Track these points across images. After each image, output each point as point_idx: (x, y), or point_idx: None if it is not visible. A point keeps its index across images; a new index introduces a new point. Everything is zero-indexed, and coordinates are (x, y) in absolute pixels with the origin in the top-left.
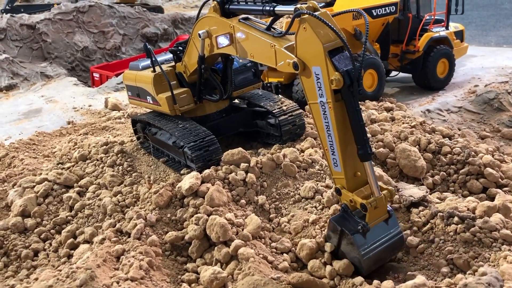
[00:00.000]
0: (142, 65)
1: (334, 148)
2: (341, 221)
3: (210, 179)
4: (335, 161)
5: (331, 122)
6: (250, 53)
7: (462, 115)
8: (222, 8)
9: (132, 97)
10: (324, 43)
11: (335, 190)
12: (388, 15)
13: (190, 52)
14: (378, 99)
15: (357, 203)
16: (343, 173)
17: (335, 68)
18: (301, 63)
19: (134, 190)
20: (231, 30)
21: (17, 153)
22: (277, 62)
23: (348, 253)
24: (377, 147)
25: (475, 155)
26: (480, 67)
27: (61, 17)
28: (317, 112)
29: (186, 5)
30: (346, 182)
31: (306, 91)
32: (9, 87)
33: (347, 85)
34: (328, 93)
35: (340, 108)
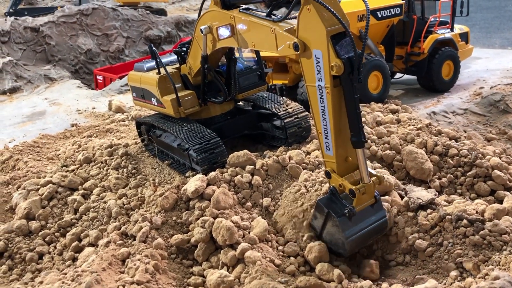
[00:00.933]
0: (147, 66)
1: (328, 132)
2: (329, 203)
3: (215, 181)
4: (328, 145)
5: (327, 106)
6: (252, 42)
7: (467, 117)
8: (223, 1)
9: (136, 98)
10: (327, 27)
11: (325, 173)
12: (393, 17)
13: (193, 53)
14: (383, 101)
15: (346, 188)
16: (334, 157)
17: (336, 54)
18: (302, 44)
19: (139, 193)
20: (232, 21)
21: (21, 155)
22: (278, 46)
23: (332, 235)
24: (383, 149)
25: (482, 157)
26: (485, 69)
27: (65, 20)
28: (314, 95)
29: (189, 7)
30: (337, 166)
31: (305, 73)
32: (13, 89)
33: (347, 72)
34: (327, 78)
35: (338, 94)
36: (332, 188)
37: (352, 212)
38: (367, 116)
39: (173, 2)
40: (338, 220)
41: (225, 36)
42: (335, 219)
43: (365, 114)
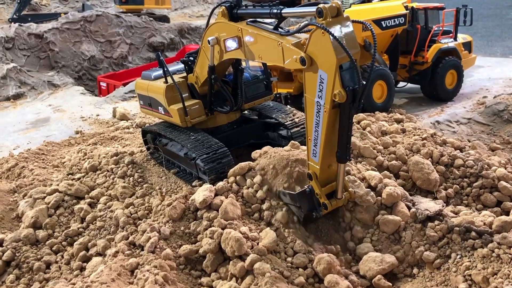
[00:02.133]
0: (154, 75)
1: (318, 142)
2: (303, 198)
3: (223, 191)
4: (315, 152)
5: (321, 123)
6: (259, 55)
7: (471, 126)
8: (230, 13)
9: (144, 106)
10: (338, 56)
11: (307, 175)
12: (397, 26)
13: (201, 63)
14: (387, 110)
15: (321, 198)
16: (319, 164)
17: (341, 84)
18: (309, 59)
19: (146, 202)
20: (239, 33)
21: (27, 163)
22: (285, 59)
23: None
24: (390, 159)
25: (488, 168)
26: (488, 78)
27: (69, 27)
28: (311, 108)
29: (191, 14)
30: (320, 172)
31: (307, 85)
32: (17, 96)
33: (349, 102)
34: (327, 100)
35: (334, 114)
36: (311, 188)
37: (318, 216)
38: (372, 126)
39: (175, 9)
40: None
41: (232, 48)
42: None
43: (370, 124)
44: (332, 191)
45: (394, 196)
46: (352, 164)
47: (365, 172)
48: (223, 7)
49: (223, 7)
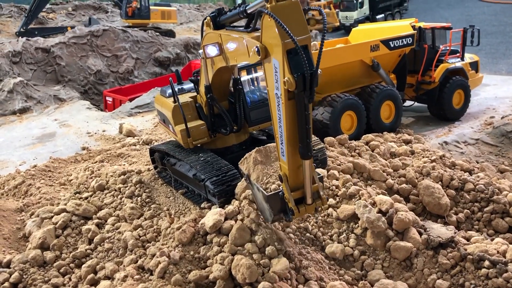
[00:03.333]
0: (169, 92)
1: (283, 139)
2: (274, 200)
3: (233, 215)
4: (282, 151)
5: (282, 116)
6: (235, 58)
7: (479, 147)
8: (214, 22)
9: (161, 121)
10: (283, 40)
11: (279, 177)
12: (405, 46)
13: (202, 79)
14: (395, 130)
15: (289, 204)
16: (287, 163)
17: (290, 70)
18: (264, 49)
19: (155, 224)
20: (219, 39)
21: (33, 180)
22: (249, 54)
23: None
24: (400, 182)
25: (499, 192)
26: (494, 97)
27: (76, 41)
28: (273, 101)
29: (196, 28)
30: (289, 172)
31: (267, 77)
32: (23, 110)
33: (299, 89)
34: (282, 90)
35: (291, 106)
36: (282, 192)
37: (288, 221)
38: (380, 147)
39: (181, 23)
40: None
41: (212, 54)
42: (271, 215)
43: (379, 145)
44: (302, 197)
45: (406, 222)
46: (363, 186)
47: (375, 197)
48: (208, 17)
49: (208, 18)
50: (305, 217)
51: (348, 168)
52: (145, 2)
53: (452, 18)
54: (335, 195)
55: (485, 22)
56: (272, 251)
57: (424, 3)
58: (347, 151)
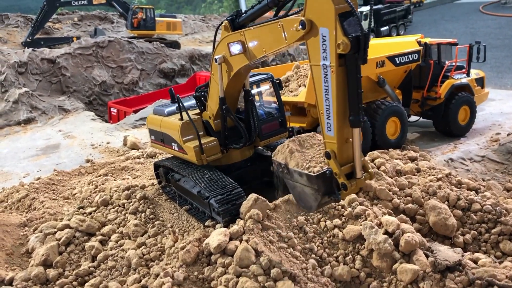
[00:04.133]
0: (167, 111)
1: (330, 112)
2: (322, 180)
3: (238, 235)
4: (329, 125)
5: (331, 86)
6: (263, 49)
7: (485, 164)
8: (232, 25)
9: (155, 141)
10: (336, 5)
11: (325, 154)
12: (411, 62)
13: (212, 94)
14: (400, 146)
15: (340, 178)
16: (335, 138)
17: (343, 32)
18: (309, 22)
19: (159, 242)
20: (242, 37)
21: (37, 194)
22: (286, 37)
23: (305, 197)
24: (406, 202)
25: (506, 213)
26: (500, 112)
27: (81, 52)
28: (318, 74)
29: (201, 39)
30: (337, 147)
31: (310, 52)
32: (27, 120)
33: (353, 51)
34: (332, 57)
35: (342, 73)
36: (330, 170)
37: (337, 200)
38: (386, 164)
39: (186, 34)
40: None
41: (237, 52)
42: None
43: (385, 162)
44: (351, 172)
45: (412, 244)
46: (369, 205)
47: (382, 218)
48: (225, 21)
49: (225, 22)
50: (310, 237)
51: None
52: (151, 13)
53: (456, 31)
54: (341, 215)
55: (490, 35)
56: (277, 273)
57: (428, 15)
58: None
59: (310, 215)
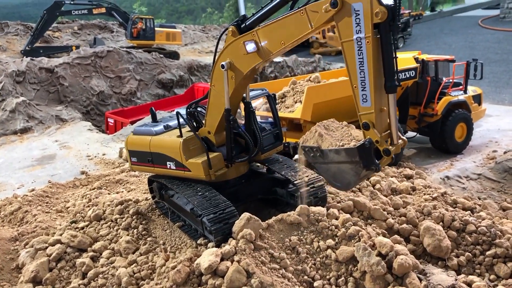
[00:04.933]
0: (156, 130)
1: (366, 83)
2: (363, 151)
3: (229, 256)
4: (365, 97)
5: (366, 57)
6: (281, 42)
7: (481, 182)
8: (239, 29)
9: (139, 163)
10: None
11: (363, 125)
12: (408, 79)
13: (212, 105)
14: (397, 163)
15: (382, 146)
16: (373, 107)
17: (379, 2)
18: (340, 0)
19: (150, 261)
20: (255, 37)
21: (30, 206)
22: (311, 22)
23: (342, 173)
24: (400, 222)
25: (501, 235)
26: (497, 129)
27: (79, 62)
28: (351, 49)
29: (201, 50)
30: (375, 116)
31: (341, 29)
32: (24, 130)
33: (389, 19)
34: (367, 28)
35: (377, 43)
36: (369, 139)
37: (378, 169)
38: (382, 182)
39: (185, 44)
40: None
41: (252, 50)
42: (360, 168)
43: (380, 180)
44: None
45: (406, 267)
46: (363, 225)
47: (375, 239)
48: (232, 27)
49: (231, 27)
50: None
51: (348, 207)
52: (150, 24)
53: (455, 44)
54: (335, 236)
55: (488, 49)
56: None
57: (427, 28)
58: None
59: (304, 235)
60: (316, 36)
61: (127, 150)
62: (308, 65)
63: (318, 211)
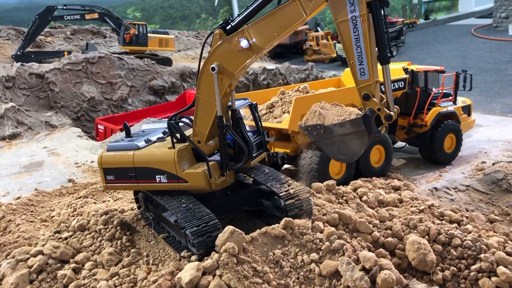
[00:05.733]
0: (140, 144)
1: (363, 57)
2: (367, 120)
3: (211, 270)
4: (363, 71)
5: (362, 34)
6: (275, 34)
7: (470, 194)
8: (225, 30)
9: (116, 181)
10: None
11: (363, 96)
12: (397, 90)
13: (201, 113)
14: (385, 174)
15: (383, 113)
16: (371, 79)
17: None
18: None
19: (132, 273)
20: (245, 34)
21: (14, 215)
22: (305, 9)
23: (347, 144)
24: (386, 235)
25: (486, 249)
26: (487, 139)
27: (70, 67)
28: (347, 28)
29: (194, 56)
30: (374, 87)
31: (336, 11)
32: (13, 136)
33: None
34: (362, 7)
35: (369, 20)
36: (371, 109)
37: (379, 136)
38: (369, 194)
39: (178, 50)
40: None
41: (246, 46)
42: (365, 135)
43: (367, 192)
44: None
45: (389, 282)
46: (348, 239)
47: (359, 253)
48: (218, 30)
49: (217, 30)
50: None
51: (334, 219)
52: (143, 30)
53: (448, 53)
54: (319, 249)
55: (480, 58)
56: None
57: (421, 36)
58: (334, 197)
59: (288, 249)
60: (310, 43)
61: (101, 169)
62: (301, 73)
63: (303, 224)
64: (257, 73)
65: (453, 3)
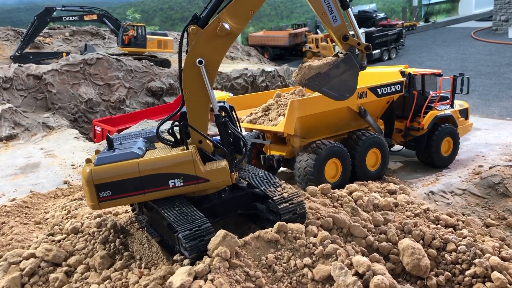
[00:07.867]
0: (139, 152)
1: (332, 6)
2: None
3: (203, 274)
4: (335, 17)
5: None
6: (250, 11)
7: (466, 198)
8: (198, 23)
9: (113, 197)
10: None
11: (342, 38)
12: (393, 93)
13: (193, 114)
14: (381, 178)
15: (362, 46)
16: (343, 22)
17: None
18: None
19: (124, 277)
20: (221, 21)
21: (8, 218)
22: None
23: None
24: (380, 240)
25: (481, 254)
26: (484, 143)
27: (68, 69)
28: None
29: None
30: (346, 28)
31: None
32: (9, 137)
33: None
34: None
35: None
36: (351, 47)
37: (364, 67)
38: (364, 198)
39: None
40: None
41: (229, 28)
42: (356, 68)
43: (362, 196)
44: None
45: (382, 287)
46: (342, 243)
47: (353, 258)
48: (192, 27)
49: (191, 26)
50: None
51: (328, 223)
52: (142, 31)
53: (447, 56)
54: (312, 254)
55: (479, 61)
56: None
57: (421, 39)
58: (329, 201)
59: (281, 253)
60: (310, 45)
61: (93, 186)
62: None
63: (296, 228)
64: (255, 75)
65: (453, 6)
